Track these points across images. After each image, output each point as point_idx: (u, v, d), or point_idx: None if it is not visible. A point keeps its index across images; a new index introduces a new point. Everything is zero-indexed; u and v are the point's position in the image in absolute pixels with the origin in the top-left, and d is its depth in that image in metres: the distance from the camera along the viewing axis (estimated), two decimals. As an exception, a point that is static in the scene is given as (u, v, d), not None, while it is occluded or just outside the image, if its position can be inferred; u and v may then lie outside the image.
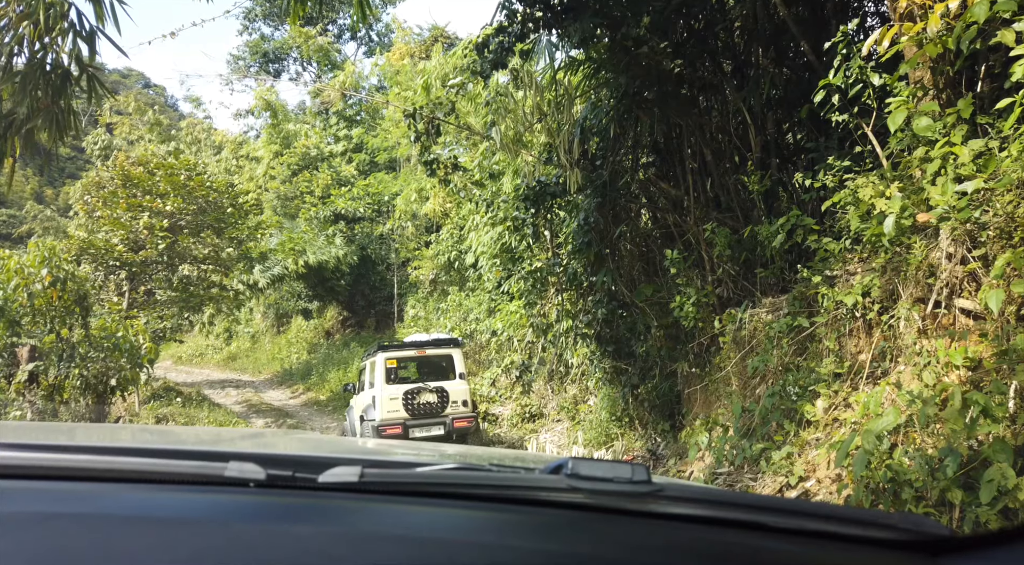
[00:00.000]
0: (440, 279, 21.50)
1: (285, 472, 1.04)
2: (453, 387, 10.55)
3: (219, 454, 1.21)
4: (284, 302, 26.53)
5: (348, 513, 1.00)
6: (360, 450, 1.98)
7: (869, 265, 4.51)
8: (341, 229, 23.69)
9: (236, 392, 21.75)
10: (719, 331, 6.59)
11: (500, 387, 15.16)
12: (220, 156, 33.01)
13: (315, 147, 25.62)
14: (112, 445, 1.50)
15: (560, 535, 0.99)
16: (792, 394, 4.63)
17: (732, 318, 6.48)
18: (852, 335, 4.62)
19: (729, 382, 6.67)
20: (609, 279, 7.37)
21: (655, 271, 8.02)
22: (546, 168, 7.56)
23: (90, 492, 1.01)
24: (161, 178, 15.89)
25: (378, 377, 10.23)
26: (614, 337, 8.13)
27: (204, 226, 16.24)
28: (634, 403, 8.41)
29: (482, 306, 17.18)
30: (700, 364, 7.45)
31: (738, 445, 5.13)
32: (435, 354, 10.87)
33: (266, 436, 3.27)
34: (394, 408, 9.94)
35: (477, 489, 1.08)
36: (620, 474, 1.00)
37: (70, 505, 0.97)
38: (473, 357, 17.88)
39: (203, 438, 2.22)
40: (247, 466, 1.02)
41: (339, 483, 1.02)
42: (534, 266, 7.58)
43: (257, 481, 1.02)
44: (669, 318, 7.66)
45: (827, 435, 4.35)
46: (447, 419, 10.33)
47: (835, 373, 4.45)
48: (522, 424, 12.80)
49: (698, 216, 7.36)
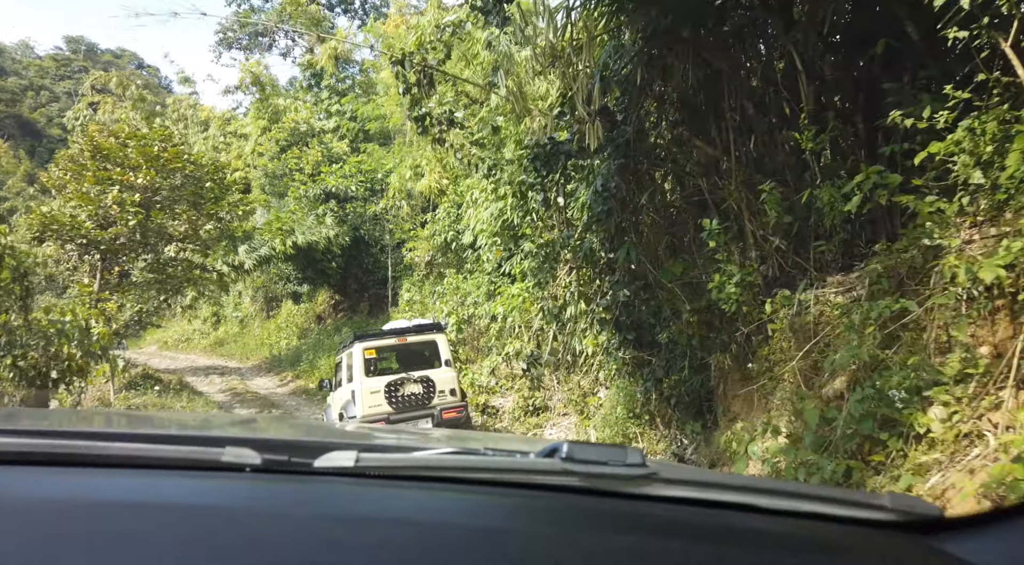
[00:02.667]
0: (436, 261, 20.32)
1: (281, 457, 1.05)
2: (439, 375, 9.46)
3: (215, 439, 1.27)
4: (272, 285, 25.27)
5: (344, 497, 1.00)
6: (355, 435, 1.96)
7: (1016, 225, 3.33)
8: (332, 208, 22.41)
9: (221, 380, 20.63)
10: (769, 317, 5.44)
11: (500, 376, 14.05)
12: (207, 133, 31.68)
13: (305, 122, 24.26)
14: (106, 430, 1.51)
15: (556, 518, 1.00)
16: (896, 400, 3.48)
17: (787, 301, 5.32)
18: (982, 322, 3.47)
19: (782, 379, 5.53)
20: (632, 255, 6.20)
21: (684, 246, 6.86)
22: (559, 124, 6.39)
23: (85, 477, 1.02)
24: (133, 149, 14.62)
25: (356, 370, 9.11)
26: (635, 323, 6.98)
27: (180, 201, 14.98)
28: (657, 399, 7.28)
29: (481, 289, 16.01)
30: (741, 356, 6.30)
31: (811, 461, 3.99)
32: (417, 341, 9.78)
33: (257, 422, 3.06)
34: (376, 402, 8.83)
35: (472, 473, 1.09)
36: (615, 457, 1.01)
37: (65, 491, 0.96)
38: (471, 344, 16.75)
39: (190, 424, 2.17)
40: (243, 451, 1.03)
41: (335, 468, 1.03)
42: (544, 240, 6.37)
43: (253, 466, 1.03)
44: (702, 301, 6.50)
45: (952, 457, 3.21)
46: (435, 410, 9.29)
47: (964, 373, 3.30)
48: (525, 418, 11.69)
49: (739, 180, 6.18)
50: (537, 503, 1.03)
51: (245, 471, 1.02)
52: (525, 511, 1.01)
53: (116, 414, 3.85)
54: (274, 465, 1.03)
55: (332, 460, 1.03)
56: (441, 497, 1.03)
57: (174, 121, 31.80)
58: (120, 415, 4.00)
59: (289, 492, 1.00)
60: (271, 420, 3.66)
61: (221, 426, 2.09)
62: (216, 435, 1.46)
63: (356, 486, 1.03)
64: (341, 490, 1.01)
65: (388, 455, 1.15)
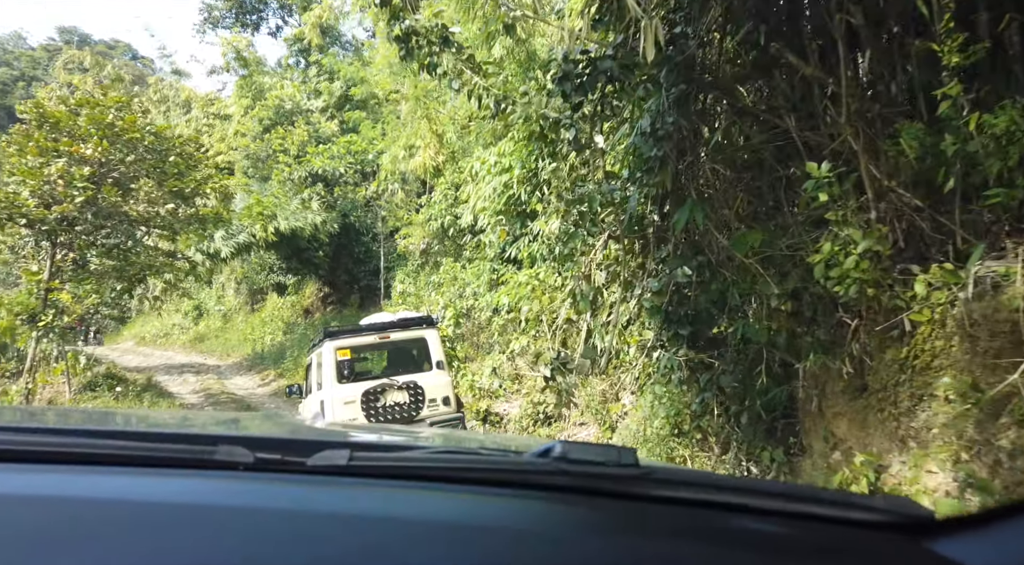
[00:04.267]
0: (432, 249, 18.51)
1: (274, 455, 1.05)
2: (429, 380, 7.71)
3: (207, 437, 1.28)
4: (254, 276, 23.42)
5: (337, 496, 1.00)
6: (349, 433, 1.91)
7: None
8: (319, 192, 20.55)
9: (196, 379, 18.81)
10: (921, 303, 3.64)
11: (504, 376, 12.25)
12: (190, 116, 29.77)
13: (290, 99, 22.37)
14: (96, 428, 1.47)
15: (549, 517, 0.99)
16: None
17: (954, 278, 3.52)
18: None
19: (933, 394, 3.73)
20: (699, 216, 4.38)
21: (764, 208, 5.05)
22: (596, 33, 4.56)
23: (74, 476, 1.00)
24: (85, 118, 12.74)
25: (326, 374, 7.33)
26: (693, 313, 5.17)
27: (138, 176, 13.10)
28: (719, 413, 5.49)
29: (482, 278, 14.20)
30: (849, 359, 4.50)
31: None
32: (402, 339, 8.00)
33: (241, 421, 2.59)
34: (350, 415, 7.10)
35: (466, 472, 1.07)
36: (609, 457, 1.01)
37: (53, 489, 0.95)
38: (471, 340, 14.98)
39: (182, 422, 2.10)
40: (236, 449, 1.03)
41: (329, 466, 1.02)
42: (577, 194, 4.51)
43: (246, 464, 1.02)
44: (789, 283, 4.71)
45: None
46: (424, 424, 7.53)
47: None
48: (535, 427, 9.89)
49: (852, 111, 4.36)
50: (531, 503, 1.02)
51: (238, 469, 1.01)
52: (519, 511, 1.00)
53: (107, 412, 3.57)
54: (267, 463, 1.03)
55: (326, 458, 1.02)
56: (435, 496, 1.02)
57: (155, 103, 29.89)
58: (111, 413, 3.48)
59: (282, 490, 0.99)
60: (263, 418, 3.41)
61: (214, 424, 2.04)
62: (209, 433, 1.44)
63: (350, 485, 1.02)
64: (335, 488, 1.01)
65: (382, 454, 1.17)
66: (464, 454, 1.25)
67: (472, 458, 1.18)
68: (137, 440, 1.15)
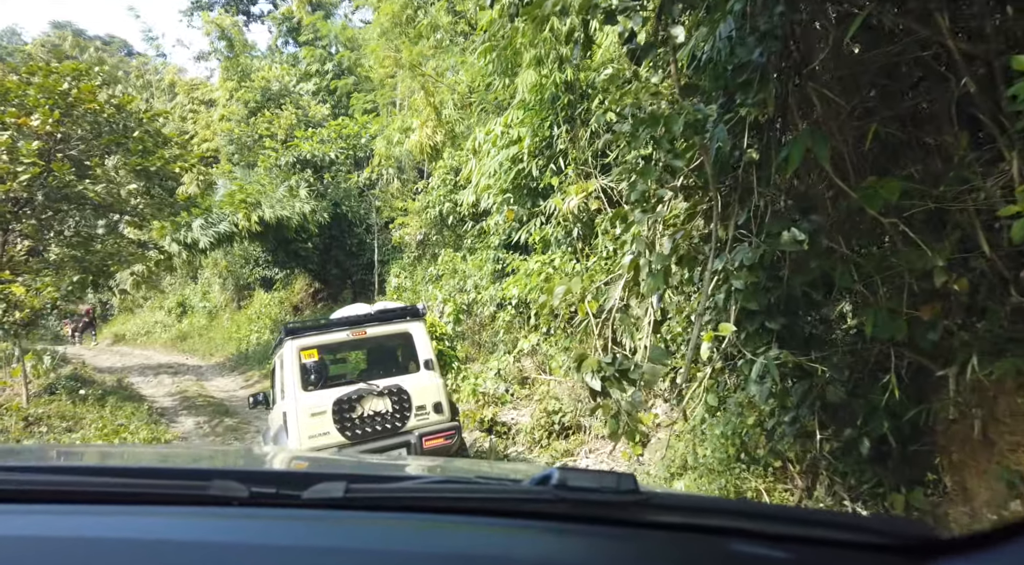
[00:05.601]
0: (430, 240, 17.04)
1: (268, 489, 1.02)
2: (416, 384, 6.30)
3: (200, 472, 1.27)
4: (238, 269, 21.89)
5: (334, 529, 0.98)
6: (344, 464, 1.91)
7: None
8: (307, 179, 19.03)
9: (172, 380, 17.30)
10: None
11: (510, 379, 10.77)
12: (175, 102, 28.26)
13: (277, 79, 20.85)
14: (87, 465, 1.45)
15: (548, 546, 0.98)
16: None
17: None
18: None
19: None
20: (822, 150, 2.89)
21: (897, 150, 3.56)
22: None
23: (66, 515, 0.98)
24: (35, 86, 11.23)
25: (288, 380, 5.85)
26: (788, 301, 3.69)
27: (98, 153, 11.57)
28: (826, 437, 4.02)
29: (485, 269, 12.74)
30: None
31: None
32: (382, 334, 6.54)
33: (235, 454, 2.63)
34: (319, 429, 5.64)
35: (464, 502, 1.06)
36: (607, 484, 0.99)
37: (45, 529, 0.93)
38: (471, 338, 13.52)
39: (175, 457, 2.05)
40: (230, 484, 1.01)
41: (324, 499, 1.00)
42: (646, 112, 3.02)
43: (240, 499, 1.00)
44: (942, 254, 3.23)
45: None
46: (411, 437, 6.10)
47: None
48: (549, 441, 8.43)
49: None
50: (530, 532, 1.00)
51: (233, 504, 1.00)
52: (518, 540, 0.98)
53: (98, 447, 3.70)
54: (262, 498, 1.01)
55: (321, 491, 1.01)
56: (432, 527, 1.00)
57: (138, 88, 28.38)
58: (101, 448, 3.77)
59: (278, 525, 0.97)
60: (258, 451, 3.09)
61: (207, 458, 2.02)
62: (202, 468, 1.45)
63: (346, 517, 1.00)
64: (331, 521, 0.99)
65: (378, 485, 1.13)
66: (462, 483, 1.23)
67: (470, 487, 1.16)
68: (128, 477, 1.11)
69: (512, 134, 9.54)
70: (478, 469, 1.90)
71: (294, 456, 2.40)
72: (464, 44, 13.85)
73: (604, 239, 7.84)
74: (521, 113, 9.41)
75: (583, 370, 3.25)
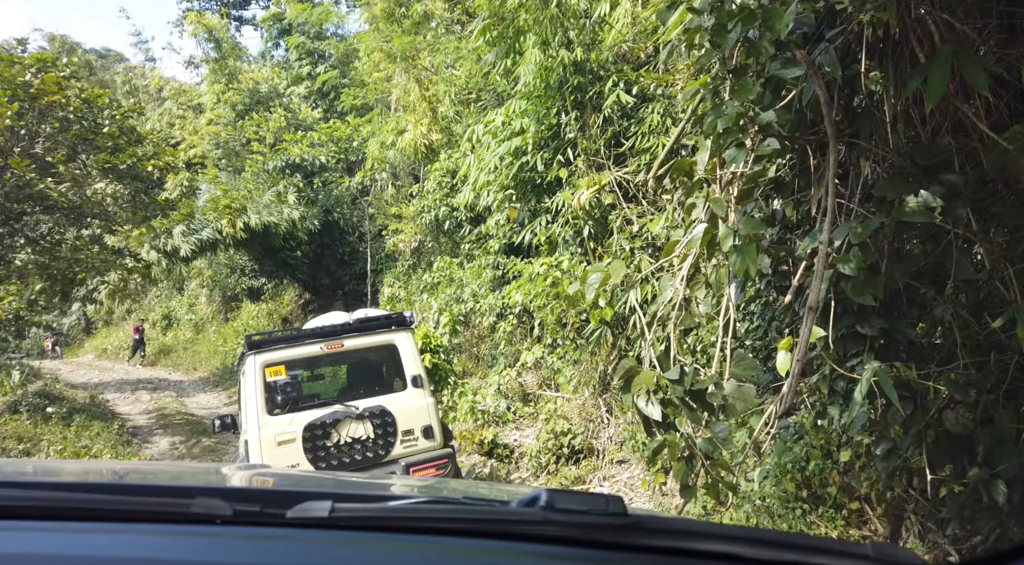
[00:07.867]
0: (425, 247, 16.13)
1: (253, 507, 1.00)
2: (402, 404, 5.40)
3: (183, 489, 1.21)
4: (223, 279, 20.90)
5: (318, 548, 0.95)
6: (330, 483, 1.84)
7: None
8: (296, 184, 18.09)
9: (150, 397, 16.25)
10: None
11: (512, 396, 9.81)
12: (163, 108, 27.40)
13: (266, 81, 20.00)
14: (66, 481, 1.40)
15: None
16: None
17: None
18: None
19: None
20: (980, 77, 2.00)
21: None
22: None
23: (43, 532, 0.94)
24: (-3, 78, 10.33)
25: (250, 403, 4.90)
26: (887, 298, 2.78)
27: (63, 149, 10.63)
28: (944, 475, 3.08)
29: (483, 277, 11.80)
30: None
31: None
32: (362, 347, 5.62)
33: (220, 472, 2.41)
34: (287, 461, 4.78)
35: (451, 523, 1.03)
36: (595, 506, 0.97)
37: (20, 546, 0.89)
38: (469, 351, 12.57)
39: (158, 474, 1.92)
40: (213, 502, 0.97)
41: (309, 518, 0.97)
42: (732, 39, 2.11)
43: (223, 517, 0.97)
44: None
45: None
46: (397, 467, 5.21)
47: None
48: (558, 466, 7.45)
49: None
50: (517, 554, 0.97)
51: (216, 523, 0.96)
52: (504, 562, 0.95)
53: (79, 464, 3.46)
54: (246, 516, 0.98)
55: (306, 510, 0.97)
56: (418, 547, 0.97)
57: (124, 94, 27.53)
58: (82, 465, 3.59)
59: (262, 544, 0.94)
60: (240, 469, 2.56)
61: (190, 475, 1.92)
62: (185, 485, 1.39)
63: (331, 537, 0.97)
64: (315, 541, 0.96)
65: (364, 505, 1.11)
66: (449, 504, 1.22)
67: (456, 508, 1.15)
68: (110, 493, 1.09)
69: (514, 125, 8.64)
70: (465, 489, 1.82)
71: (279, 474, 2.24)
72: (461, 34, 13.01)
73: (619, 237, 6.92)
74: (524, 103, 8.52)
75: (633, 391, 2.30)
